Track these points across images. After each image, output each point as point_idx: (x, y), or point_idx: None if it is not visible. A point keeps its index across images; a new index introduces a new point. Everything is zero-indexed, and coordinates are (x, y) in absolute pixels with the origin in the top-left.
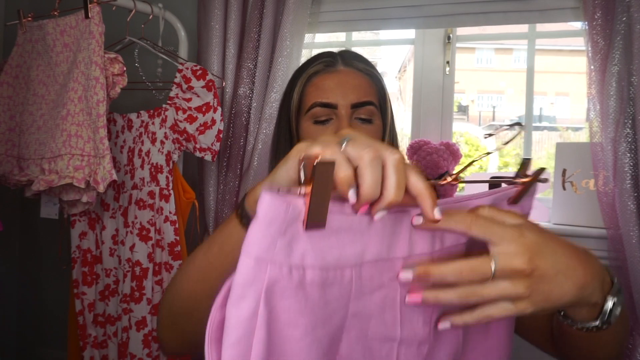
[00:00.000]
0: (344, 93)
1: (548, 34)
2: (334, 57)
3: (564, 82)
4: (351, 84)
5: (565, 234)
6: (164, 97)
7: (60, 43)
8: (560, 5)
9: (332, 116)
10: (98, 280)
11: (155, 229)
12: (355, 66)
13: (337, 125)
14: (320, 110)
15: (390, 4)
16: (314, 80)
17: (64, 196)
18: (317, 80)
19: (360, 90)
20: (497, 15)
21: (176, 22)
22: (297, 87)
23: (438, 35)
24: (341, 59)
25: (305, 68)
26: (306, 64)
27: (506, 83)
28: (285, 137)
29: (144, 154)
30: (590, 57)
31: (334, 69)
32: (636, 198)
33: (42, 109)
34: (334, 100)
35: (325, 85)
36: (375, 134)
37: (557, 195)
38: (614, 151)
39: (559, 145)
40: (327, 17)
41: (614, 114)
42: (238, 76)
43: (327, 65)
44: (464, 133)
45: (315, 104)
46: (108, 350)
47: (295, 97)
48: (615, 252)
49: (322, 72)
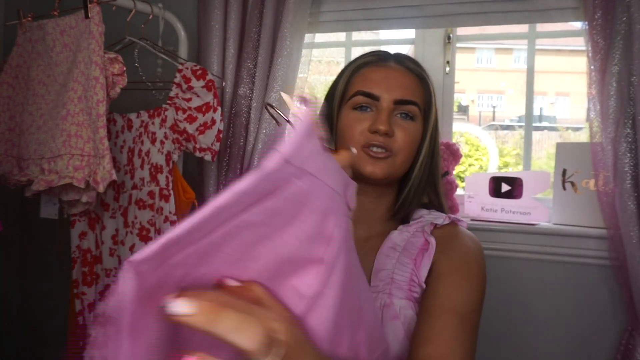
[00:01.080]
0: (390, 87)
1: (548, 34)
2: (387, 54)
3: (564, 82)
4: (399, 80)
5: (565, 234)
6: (163, 97)
7: (60, 43)
8: (560, 5)
9: (372, 106)
10: (98, 281)
11: (155, 229)
12: (407, 65)
13: (376, 117)
14: (362, 98)
15: (390, 4)
16: (363, 70)
17: (64, 196)
18: (365, 71)
19: (406, 89)
20: (497, 15)
21: (176, 22)
22: (344, 75)
23: (438, 35)
24: (394, 57)
25: (357, 60)
26: (359, 57)
27: (506, 83)
28: (327, 125)
29: (144, 154)
30: (591, 57)
31: (385, 64)
32: (636, 198)
33: (42, 109)
34: (377, 92)
35: (372, 77)
36: (413, 133)
37: (557, 196)
38: (614, 151)
39: (559, 145)
40: (327, 17)
41: (614, 114)
42: (238, 76)
43: (379, 59)
44: (464, 133)
45: (359, 92)
46: None
47: (341, 84)
48: (615, 252)
49: (372, 65)
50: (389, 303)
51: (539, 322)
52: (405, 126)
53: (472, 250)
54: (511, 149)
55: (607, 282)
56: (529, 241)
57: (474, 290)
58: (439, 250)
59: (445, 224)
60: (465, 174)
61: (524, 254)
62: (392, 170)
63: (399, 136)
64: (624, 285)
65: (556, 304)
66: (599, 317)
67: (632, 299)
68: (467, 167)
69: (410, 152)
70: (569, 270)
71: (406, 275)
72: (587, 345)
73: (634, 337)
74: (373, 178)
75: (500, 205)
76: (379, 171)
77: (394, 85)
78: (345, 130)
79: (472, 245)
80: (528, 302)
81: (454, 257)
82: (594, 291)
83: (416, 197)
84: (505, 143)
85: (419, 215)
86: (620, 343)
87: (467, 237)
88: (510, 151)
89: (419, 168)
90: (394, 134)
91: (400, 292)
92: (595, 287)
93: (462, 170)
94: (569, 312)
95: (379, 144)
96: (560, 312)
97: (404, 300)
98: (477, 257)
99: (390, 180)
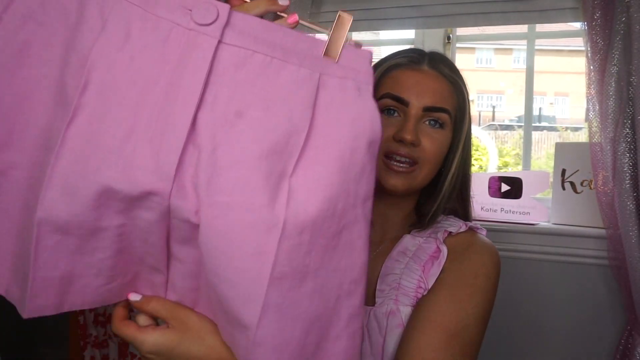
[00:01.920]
0: (420, 93)
1: (548, 34)
2: (422, 56)
3: (563, 82)
4: (431, 86)
5: (565, 234)
6: None
7: None
8: (560, 5)
9: (400, 112)
10: None
11: None
12: (441, 70)
13: (403, 123)
14: (391, 102)
15: (390, 4)
16: (394, 72)
17: None
18: (396, 73)
19: (437, 95)
20: (497, 15)
21: None
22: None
23: (438, 35)
24: (428, 59)
25: (388, 58)
26: (391, 55)
27: (506, 83)
28: None
29: None
30: (590, 57)
31: (418, 67)
32: (635, 198)
33: None
34: (407, 97)
35: (403, 80)
36: (441, 142)
37: (557, 195)
38: (613, 151)
39: (559, 145)
40: (327, 17)
41: (613, 114)
42: None
43: (411, 61)
44: None
45: (387, 95)
46: (108, 349)
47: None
48: (614, 252)
49: (404, 67)
50: (395, 310)
51: (538, 322)
52: (433, 135)
53: (484, 262)
54: (511, 149)
55: (606, 281)
56: (529, 241)
57: (473, 305)
58: (450, 260)
59: (461, 231)
60: None
61: (524, 254)
62: (415, 183)
63: (426, 145)
64: (623, 284)
65: (555, 303)
66: (598, 316)
67: (631, 299)
68: None
69: (436, 163)
70: (568, 270)
71: (413, 281)
72: (586, 345)
73: (633, 336)
74: (394, 192)
75: (499, 205)
76: (401, 186)
77: (425, 90)
78: None
79: (486, 257)
80: (527, 302)
81: (463, 268)
82: (593, 291)
83: (441, 207)
84: (505, 143)
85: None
86: (619, 342)
87: (482, 247)
88: (510, 151)
89: (450, 180)
90: (420, 143)
91: (407, 299)
92: (595, 286)
93: None
94: (568, 312)
95: (403, 155)
96: (559, 312)
97: (409, 308)
98: (488, 269)
99: (413, 192)
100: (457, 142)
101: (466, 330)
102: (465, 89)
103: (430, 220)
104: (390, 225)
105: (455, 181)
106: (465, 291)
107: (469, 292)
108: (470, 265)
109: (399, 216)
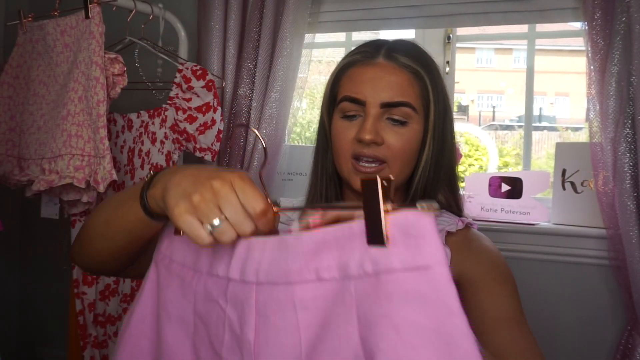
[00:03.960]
0: (376, 90)
1: (548, 34)
2: (378, 48)
3: (563, 82)
4: (386, 80)
5: (565, 234)
6: (164, 97)
7: (61, 43)
8: (560, 5)
9: (360, 112)
10: (98, 280)
11: None
12: (398, 60)
13: (362, 124)
14: (349, 105)
15: (390, 4)
16: (349, 71)
17: (64, 196)
18: (352, 72)
19: (395, 89)
20: (497, 15)
21: (176, 22)
22: (331, 76)
23: (438, 35)
24: (385, 51)
25: (344, 58)
26: (348, 54)
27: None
28: (322, 129)
29: (144, 154)
30: (590, 57)
31: (372, 62)
32: (636, 198)
33: (43, 109)
34: (362, 97)
35: (358, 79)
36: (408, 137)
37: (557, 195)
38: (614, 151)
39: (559, 145)
40: (327, 17)
41: (613, 114)
42: (238, 76)
43: (365, 57)
44: (464, 133)
45: (344, 98)
46: (108, 350)
47: (327, 87)
48: (615, 252)
49: (359, 64)
50: None
51: (538, 322)
52: (397, 131)
53: (495, 251)
54: (511, 149)
55: (607, 281)
56: (529, 241)
57: (514, 291)
58: (461, 259)
59: (459, 229)
60: (465, 174)
61: (524, 254)
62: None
63: (391, 142)
64: (623, 284)
65: (555, 303)
66: (598, 316)
67: (631, 298)
68: (467, 167)
69: (408, 159)
70: (569, 270)
71: None
72: (587, 344)
73: (633, 336)
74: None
75: (500, 205)
76: None
77: (381, 86)
78: (335, 140)
79: (492, 246)
80: (527, 302)
81: (481, 262)
82: (593, 290)
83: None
84: (505, 143)
85: None
86: (619, 342)
87: (484, 239)
88: (510, 151)
89: (421, 172)
90: (383, 141)
91: None
92: (595, 286)
93: (462, 170)
94: (568, 311)
95: (368, 155)
96: (560, 311)
97: None
98: (501, 257)
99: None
100: (426, 132)
101: (523, 315)
102: (430, 74)
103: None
104: None
105: (428, 171)
106: (500, 283)
107: (503, 282)
108: (487, 259)
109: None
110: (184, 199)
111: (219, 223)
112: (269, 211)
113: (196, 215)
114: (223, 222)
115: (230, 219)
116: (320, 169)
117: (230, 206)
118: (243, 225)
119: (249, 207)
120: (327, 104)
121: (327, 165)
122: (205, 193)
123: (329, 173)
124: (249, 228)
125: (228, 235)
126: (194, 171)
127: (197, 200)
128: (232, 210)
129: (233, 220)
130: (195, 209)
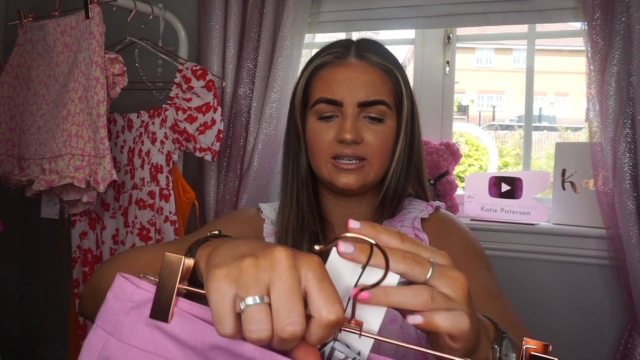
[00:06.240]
0: (351, 90)
1: (548, 34)
2: (347, 48)
3: (563, 82)
4: (361, 79)
5: (565, 233)
6: (164, 97)
7: (61, 43)
8: (560, 5)
9: (337, 113)
10: None
11: (155, 229)
12: (369, 59)
13: (341, 124)
14: (325, 106)
15: (390, 4)
16: (322, 72)
17: (65, 196)
18: (324, 73)
19: (370, 88)
20: (497, 15)
21: (176, 22)
22: (302, 78)
23: (438, 35)
24: (355, 51)
25: (314, 58)
26: (317, 53)
27: (506, 83)
28: (294, 132)
29: (144, 154)
30: (590, 57)
31: (344, 62)
32: (635, 198)
33: (43, 109)
34: (339, 97)
35: (332, 80)
36: (385, 134)
37: (557, 195)
38: (614, 151)
39: (559, 145)
40: (327, 17)
41: (613, 114)
42: (238, 76)
43: (336, 57)
44: (464, 133)
45: (320, 100)
46: None
47: (299, 89)
48: (614, 252)
49: (331, 65)
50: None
51: (538, 321)
52: (375, 129)
53: (466, 229)
54: (511, 149)
55: (607, 281)
56: (529, 241)
57: (490, 266)
58: (438, 243)
59: (431, 213)
60: (465, 174)
61: (524, 254)
62: (369, 178)
63: (369, 140)
64: (623, 284)
65: (555, 303)
66: (598, 316)
67: (631, 298)
68: (466, 167)
69: (386, 155)
70: (569, 270)
71: None
72: (587, 344)
73: (633, 336)
74: (348, 190)
75: (500, 205)
76: (353, 183)
77: (357, 85)
78: (312, 142)
79: (463, 225)
80: (527, 302)
81: (457, 242)
82: (593, 290)
83: (397, 193)
84: (505, 143)
85: (401, 206)
86: (619, 342)
87: (455, 218)
88: (510, 151)
89: (395, 165)
90: (363, 140)
91: None
92: (595, 286)
93: (462, 170)
94: (568, 311)
95: (349, 155)
96: (560, 311)
97: None
98: (472, 234)
99: (370, 187)
100: (400, 126)
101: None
102: (400, 71)
103: (382, 207)
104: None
105: (402, 165)
106: (475, 260)
107: (478, 259)
108: (459, 238)
109: (366, 212)
110: (235, 261)
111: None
112: (340, 323)
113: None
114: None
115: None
116: (291, 173)
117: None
118: (288, 317)
119: (320, 304)
120: (299, 107)
121: (299, 168)
122: (261, 261)
123: (301, 176)
124: (295, 327)
125: (258, 326)
126: (263, 242)
127: (246, 265)
128: (283, 293)
129: (277, 307)
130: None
